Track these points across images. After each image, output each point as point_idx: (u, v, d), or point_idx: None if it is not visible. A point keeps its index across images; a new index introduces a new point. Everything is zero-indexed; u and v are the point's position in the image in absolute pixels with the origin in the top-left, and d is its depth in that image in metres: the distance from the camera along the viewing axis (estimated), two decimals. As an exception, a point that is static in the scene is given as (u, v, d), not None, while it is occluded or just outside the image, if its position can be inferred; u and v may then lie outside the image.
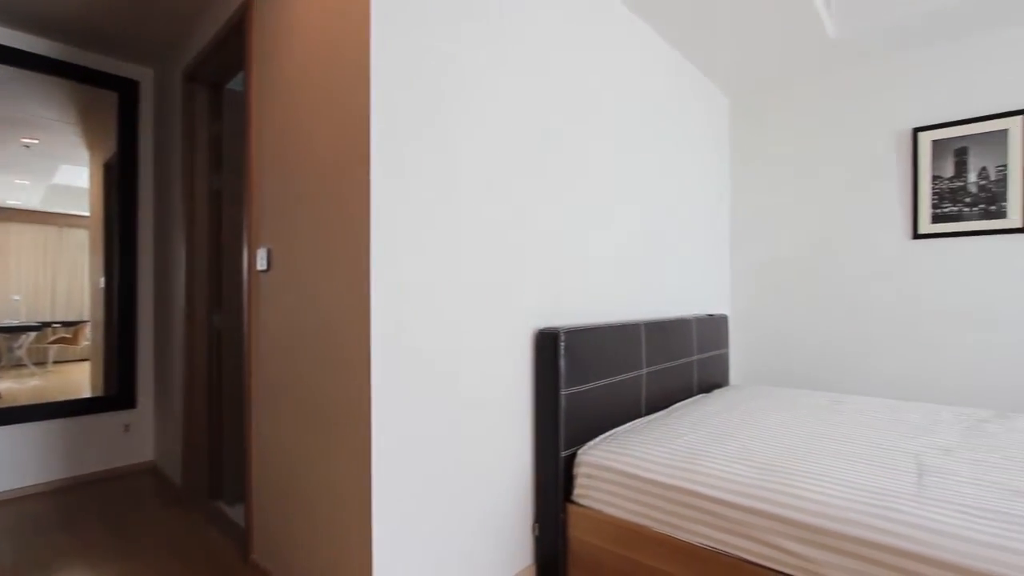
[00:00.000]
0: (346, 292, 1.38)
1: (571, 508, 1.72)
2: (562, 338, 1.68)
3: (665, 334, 2.33)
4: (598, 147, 2.12)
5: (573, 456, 1.77)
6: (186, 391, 2.48)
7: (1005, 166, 2.52)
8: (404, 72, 1.37)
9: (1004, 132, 2.52)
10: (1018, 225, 2.50)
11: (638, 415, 2.12)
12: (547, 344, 1.71)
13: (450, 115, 1.49)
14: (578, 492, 1.73)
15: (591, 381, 1.83)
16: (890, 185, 2.86)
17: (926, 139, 2.72)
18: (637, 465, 1.60)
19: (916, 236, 2.76)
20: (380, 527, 1.31)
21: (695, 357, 2.63)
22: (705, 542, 1.43)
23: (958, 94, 2.66)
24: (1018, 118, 2.49)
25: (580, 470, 1.73)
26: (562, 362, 1.69)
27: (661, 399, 2.31)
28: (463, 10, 1.53)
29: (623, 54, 2.29)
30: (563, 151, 1.93)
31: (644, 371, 2.15)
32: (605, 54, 2.17)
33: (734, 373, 3.39)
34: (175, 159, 2.70)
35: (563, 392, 1.70)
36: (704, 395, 2.61)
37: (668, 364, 2.36)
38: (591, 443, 1.80)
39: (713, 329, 2.86)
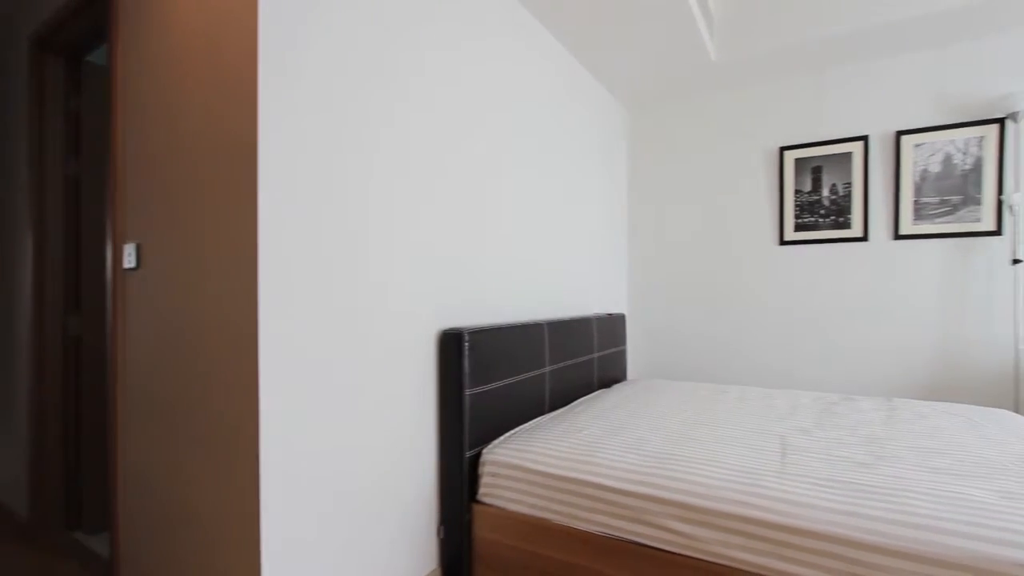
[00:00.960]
0: (230, 293, 1.27)
1: (476, 508, 1.72)
2: (466, 338, 1.68)
3: (567, 333, 2.42)
4: (503, 151, 2.15)
5: (478, 456, 1.78)
6: (34, 407, 2.15)
7: (850, 183, 2.93)
8: (296, 50, 1.29)
9: (849, 154, 2.93)
10: (860, 235, 2.91)
11: (542, 412, 2.18)
12: (451, 345, 1.70)
13: (348, 105, 1.43)
14: (483, 491, 1.74)
15: (496, 380, 1.85)
16: (762, 196, 3.20)
17: (790, 157, 3.08)
18: (539, 461, 1.64)
19: (782, 242, 3.12)
20: (270, 546, 1.22)
21: (596, 355, 2.76)
22: (602, 530, 1.50)
23: (815, 119, 3.04)
24: (859, 143, 2.90)
25: (485, 469, 1.74)
26: (466, 362, 1.68)
27: (564, 395, 2.39)
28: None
29: (526, 60, 2.34)
30: (467, 153, 1.93)
31: (547, 369, 2.21)
32: (508, 60, 2.20)
33: (631, 368, 3.60)
34: (19, 140, 2.32)
35: (468, 392, 1.70)
36: (604, 390, 2.74)
37: (570, 362, 2.45)
38: (496, 442, 1.82)
39: (612, 328, 3.01)
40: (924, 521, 1.16)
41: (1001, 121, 2.60)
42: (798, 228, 3.07)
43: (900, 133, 2.81)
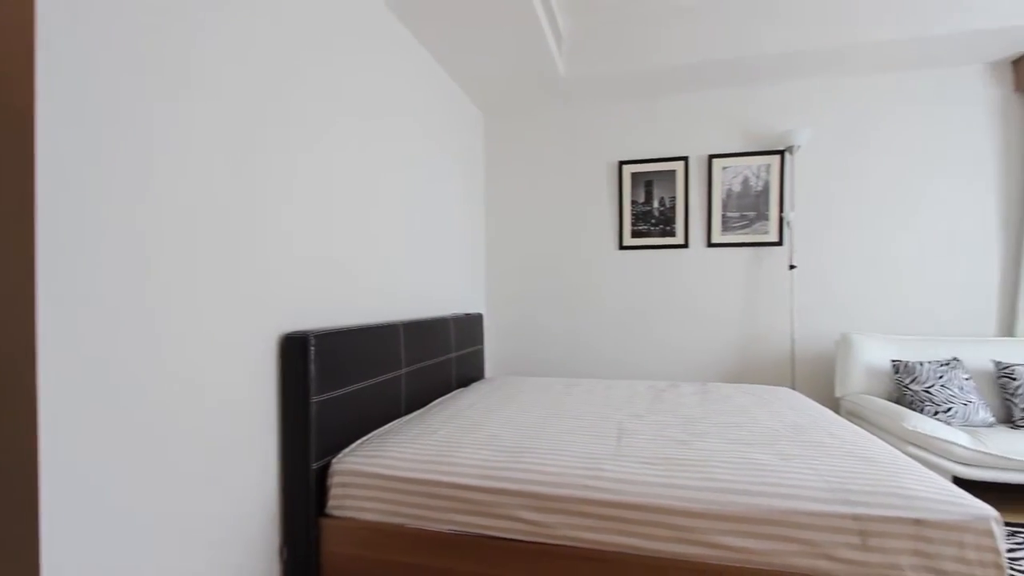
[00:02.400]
0: (-4, 293, 1.02)
1: (325, 522, 1.61)
2: (312, 342, 1.57)
3: (424, 333, 2.39)
4: (357, 149, 2.06)
5: (327, 467, 1.67)
6: None
7: (675, 197, 3.35)
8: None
9: (674, 172, 3.35)
10: (682, 242, 3.35)
11: (398, 415, 2.13)
12: (295, 349, 1.57)
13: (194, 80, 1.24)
14: (332, 504, 1.64)
15: (347, 385, 1.76)
16: (605, 205, 3.51)
17: (628, 171, 3.43)
18: (391, 466, 1.60)
19: (621, 247, 3.46)
20: (54, 598, 1.00)
21: (453, 354, 2.77)
22: (456, 528, 1.51)
23: (649, 138, 3.43)
24: (681, 162, 3.34)
25: (334, 480, 1.64)
26: (312, 367, 1.57)
27: (422, 396, 2.36)
28: (186, -40, 1.29)
29: (384, 58, 2.27)
30: (318, 150, 1.81)
31: (404, 371, 2.16)
32: (364, 57, 2.12)
33: (489, 367, 3.69)
34: None
35: (314, 400, 1.59)
36: (462, 389, 2.76)
37: (428, 362, 2.43)
38: (346, 450, 1.72)
39: (470, 327, 3.06)
40: (724, 485, 1.37)
41: (782, 153, 3.19)
42: (634, 235, 3.43)
43: (712, 156, 3.30)
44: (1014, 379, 2.47)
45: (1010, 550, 1.92)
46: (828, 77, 3.14)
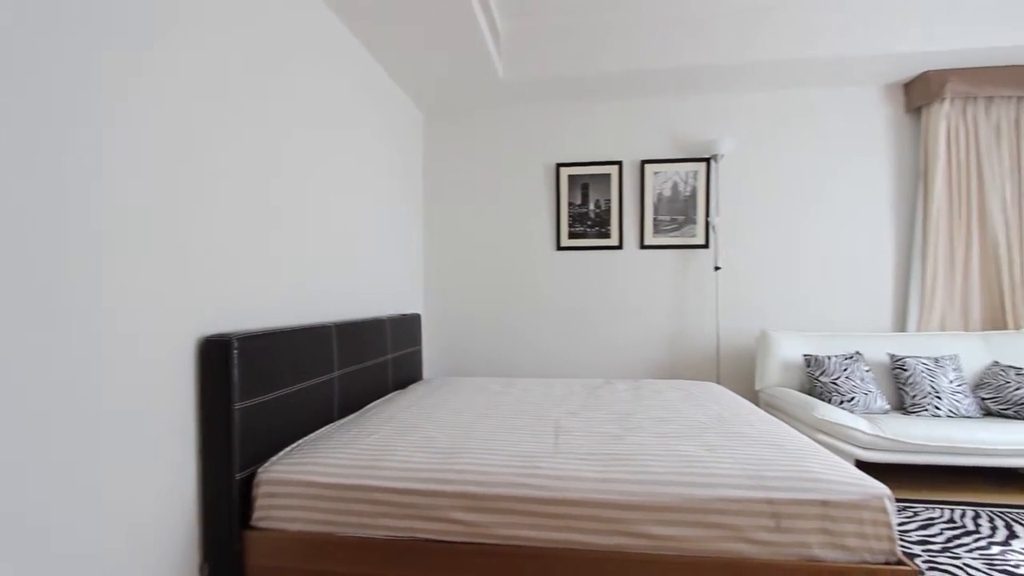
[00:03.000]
0: None
1: (250, 535, 1.53)
2: (235, 345, 1.48)
3: (359, 335, 2.32)
4: (290, 146, 1.97)
5: (253, 476, 1.58)
6: None
7: (610, 200, 3.46)
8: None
9: (609, 175, 3.46)
10: (616, 243, 3.46)
11: (331, 420, 2.05)
12: (216, 353, 1.48)
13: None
14: (258, 515, 1.55)
15: (274, 390, 1.67)
16: (543, 206, 3.56)
17: (565, 173, 3.50)
18: (322, 472, 1.54)
19: (559, 248, 3.53)
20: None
21: (390, 356, 2.71)
22: (390, 533, 1.48)
23: (585, 142, 3.51)
24: (616, 167, 3.45)
25: (260, 490, 1.56)
26: (236, 372, 1.48)
27: (356, 400, 2.29)
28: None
29: (321, 55, 2.19)
30: (248, 147, 1.71)
31: (336, 374, 2.09)
32: (300, 54, 2.03)
33: (427, 368, 3.64)
34: None
35: (237, 406, 1.50)
36: (399, 391, 2.71)
37: (363, 364, 2.36)
38: (274, 458, 1.64)
39: (407, 328, 3.00)
40: (655, 477, 1.43)
41: (708, 160, 3.37)
42: (571, 236, 3.51)
43: (645, 162, 3.43)
44: (905, 370, 2.74)
45: (901, 523, 2.14)
46: (747, 91, 3.35)
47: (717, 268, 3.27)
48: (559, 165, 3.51)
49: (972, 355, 2.87)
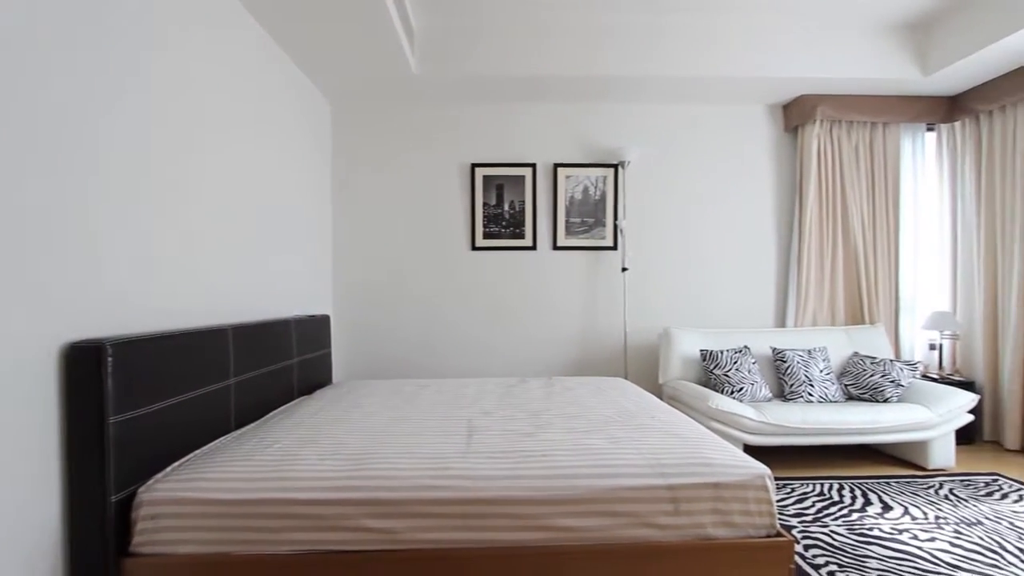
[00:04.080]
0: None
1: (129, 563, 1.37)
2: (109, 352, 1.32)
3: (260, 338, 2.18)
4: (181, 134, 1.79)
5: (133, 497, 1.42)
6: None
7: (524, 201, 3.52)
8: None
9: (523, 177, 3.52)
10: (530, 244, 3.53)
11: (227, 430, 1.90)
12: (85, 361, 1.31)
13: None
14: (139, 540, 1.39)
15: (159, 400, 1.52)
16: (458, 206, 3.55)
17: (480, 173, 3.51)
18: (216, 488, 1.42)
19: (474, 248, 3.53)
20: None
21: (295, 359, 2.57)
22: (296, 548, 1.39)
23: (500, 143, 3.55)
24: (530, 168, 3.52)
25: (141, 512, 1.40)
26: (110, 382, 1.32)
27: (257, 408, 2.14)
28: None
29: (217, 35, 2.01)
30: (133, 135, 1.53)
31: (233, 381, 1.94)
32: (192, 32, 1.85)
33: (337, 371, 3.49)
34: None
35: (113, 420, 1.34)
36: (305, 397, 2.57)
37: (264, 369, 2.21)
38: (158, 476, 1.49)
39: (314, 330, 2.86)
40: (563, 471, 1.47)
41: (616, 166, 3.54)
42: (486, 236, 3.53)
43: (557, 165, 3.53)
44: (784, 361, 3.05)
45: (781, 499, 2.38)
46: (651, 103, 3.56)
47: (624, 269, 3.45)
48: (474, 165, 3.52)
49: (838, 347, 3.26)
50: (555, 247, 3.55)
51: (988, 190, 3.34)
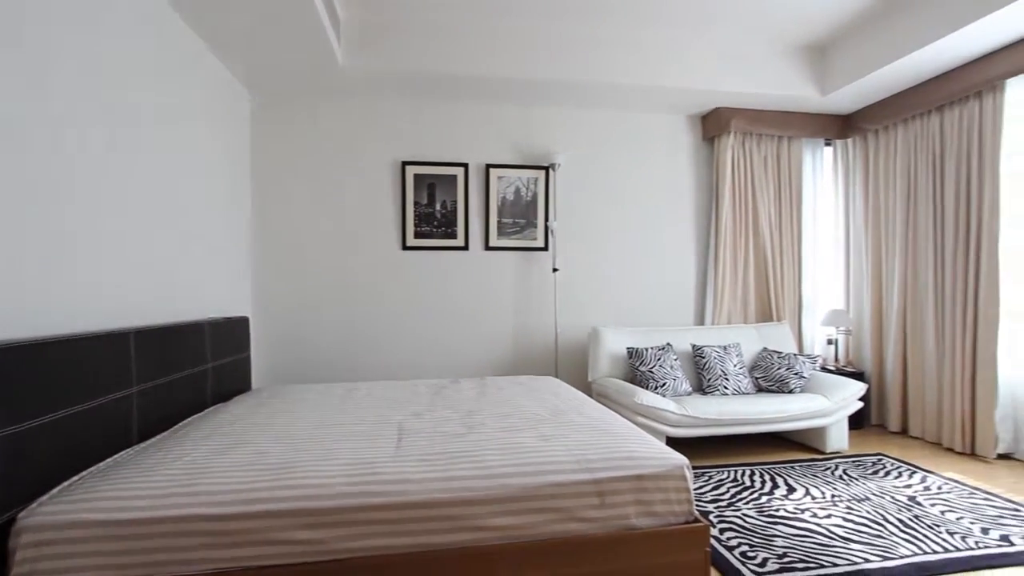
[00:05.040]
0: None
1: (5, 600, 1.22)
2: (-18, 360, 1.17)
3: (168, 342, 2.01)
4: (91, 121, 1.61)
5: (12, 523, 1.26)
6: None
7: (456, 201, 3.50)
8: None
9: (455, 176, 3.50)
10: (462, 244, 3.52)
11: (127, 444, 1.73)
12: (-48, 371, 1.15)
13: None
14: (19, 572, 1.24)
15: (44, 414, 1.36)
16: (388, 204, 3.46)
17: (411, 172, 3.45)
18: (113, 508, 1.29)
19: (405, 247, 3.46)
20: None
21: (209, 365, 2.39)
22: (214, 567, 1.30)
23: (432, 141, 3.50)
24: (462, 168, 3.50)
25: (22, 539, 1.24)
26: (-17, 394, 1.17)
27: (164, 418, 1.97)
28: None
29: (118, 15, 1.83)
30: (16, 119, 1.36)
31: (135, 389, 1.77)
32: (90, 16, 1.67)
33: (257, 377, 3.30)
34: None
35: (-14, 437, 1.18)
36: (221, 404, 2.40)
37: (172, 376, 2.04)
38: (43, 498, 1.33)
39: (231, 332, 2.68)
40: (493, 470, 1.48)
41: (547, 168, 3.60)
42: (417, 235, 3.47)
43: (489, 166, 3.54)
44: (703, 357, 3.25)
45: (699, 487, 2.52)
46: (581, 108, 3.66)
47: (555, 270, 3.52)
48: (404, 163, 3.45)
49: (749, 342, 3.51)
50: (487, 247, 3.56)
51: (874, 201, 3.74)
